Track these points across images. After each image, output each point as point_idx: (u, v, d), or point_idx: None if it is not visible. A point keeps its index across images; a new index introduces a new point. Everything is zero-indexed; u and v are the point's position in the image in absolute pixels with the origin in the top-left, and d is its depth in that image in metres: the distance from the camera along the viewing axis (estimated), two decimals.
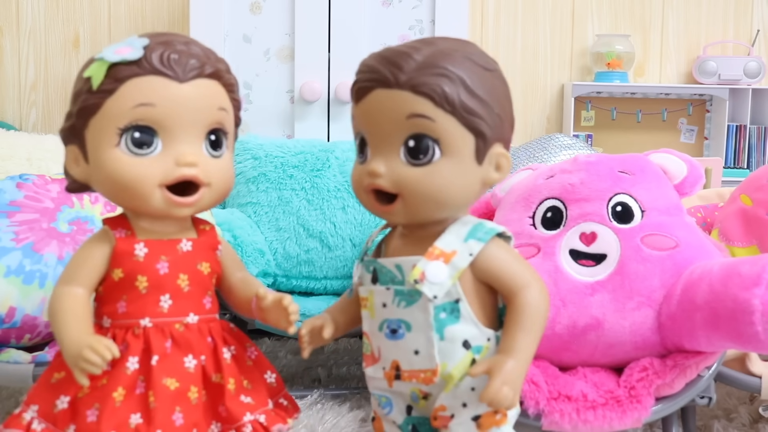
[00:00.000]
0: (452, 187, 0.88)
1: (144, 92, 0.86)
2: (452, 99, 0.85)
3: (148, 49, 0.87)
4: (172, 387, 0.89)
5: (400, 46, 0.90)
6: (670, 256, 1.17)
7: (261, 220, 1.71)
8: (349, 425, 1.44)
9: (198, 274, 0.94)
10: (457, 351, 0.91)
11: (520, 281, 0.90)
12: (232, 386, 0.92)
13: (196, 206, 0.91)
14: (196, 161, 0.89)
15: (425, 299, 0.90)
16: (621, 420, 1.09)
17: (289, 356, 1.87)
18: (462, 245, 0.90)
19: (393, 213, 0.90)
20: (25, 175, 1.39)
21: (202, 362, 0.92)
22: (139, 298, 0.91)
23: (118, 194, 0.90)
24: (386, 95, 0.87)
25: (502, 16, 3.13)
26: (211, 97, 0.91)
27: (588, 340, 1.17)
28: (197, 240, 0.95)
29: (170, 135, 0.88)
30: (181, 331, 0.91)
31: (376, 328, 0.94)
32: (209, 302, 0.96)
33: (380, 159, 0.88)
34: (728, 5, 3.18)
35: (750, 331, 1.02)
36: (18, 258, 1.28)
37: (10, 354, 1.25)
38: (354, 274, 0.99)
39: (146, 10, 2.96)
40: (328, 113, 2.23)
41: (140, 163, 0.87)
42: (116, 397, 0.87)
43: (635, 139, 3.23)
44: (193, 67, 0.88)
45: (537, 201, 1.28)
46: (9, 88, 3.00)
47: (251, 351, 0.99)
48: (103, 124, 0.88)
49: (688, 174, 1.30)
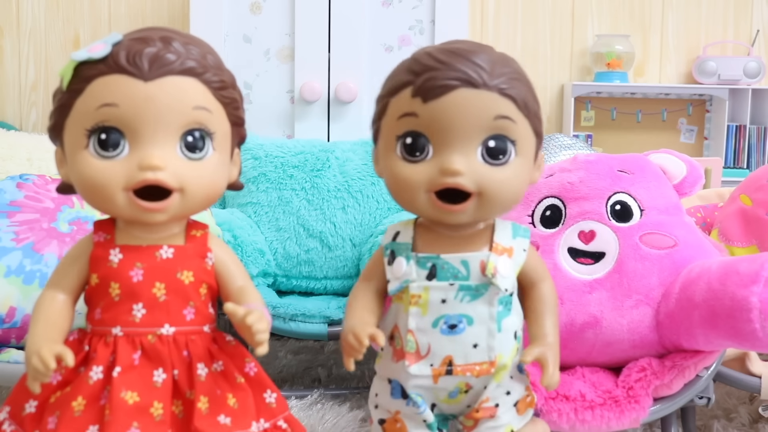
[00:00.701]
0: (522, 187, 0.91)
1: (108, 92, 0.82)
2: (528, 103, 0.88)
3: (118, 46, 0.83)
4: (131, 401, 0.83)
5: (461, 45, 0.88)
6: (669, 255, 1.18)
7: (261, 220, 1.71)
8: (349, 425, 1.44)
9: (177, 283, 0.88)
10: (510, 341, 0.95)
11: (542, 273, 0.98)
12: (203, 405, 0.86)
13: (167, 212, 0.85)
14: (162, 164, 0.82)
15: (492, 293, 0.92)
16: (619, 420, 1.09)
17: (289, 356, 1.87)
18: (514, 242, 0.94)
19: (463, 212, 0.88)
20: (26, 175, 1.40)
21: (175, 377, 0.87)
22: (112, 305, 0.87)
23: (88, 198, 0.86)
24: (473, 95, 0.85)
25: (502, 16, 3.13)
26: (183, 96, 0.84)
27: (586, 337, 1.17)
28: (182, 247, 0.89)
29: (138, 136, 0.83)
30: (153, 343, 0.86)
31: (429, 325, 0.93)
32: (192, 314, 0.89)
33: (457, 157, 0.86)
34: (728, 5, 3.18)
35: (748, 329, 1.02)
36: (18, 258, 1.28)
37: (10, 354, 1.26)
38: (389, 272, 0.95)
39: (146, 10, 2.96)
40: (328, 113, 2.23)
41: (106, 166, 0.83)
42: (75, 406, 0.84)
43: (635, 139, 3.23)
44: (162, 64, 0.82)
45: (536, 199, 1.28)
46: (9, 89, 3.00)
47: (250, 367, 0.92)
48: (74, 125, 0.84)
49: (687, 174, 1.30)
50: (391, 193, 0.93)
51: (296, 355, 1.88)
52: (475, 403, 0.95)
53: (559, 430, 1.10)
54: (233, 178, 0.94)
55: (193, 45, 0.86)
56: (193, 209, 0.87)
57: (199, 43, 0.87)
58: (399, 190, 0.91)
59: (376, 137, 0.95)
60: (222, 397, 0.87)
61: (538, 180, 0.97)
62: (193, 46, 0.86)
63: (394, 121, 0.89)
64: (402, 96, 0.88)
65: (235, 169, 0.94)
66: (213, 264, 0.91)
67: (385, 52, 2.23)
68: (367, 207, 1.70)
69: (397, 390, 0.96)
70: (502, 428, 0.96)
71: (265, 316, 0.86)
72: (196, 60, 0.85)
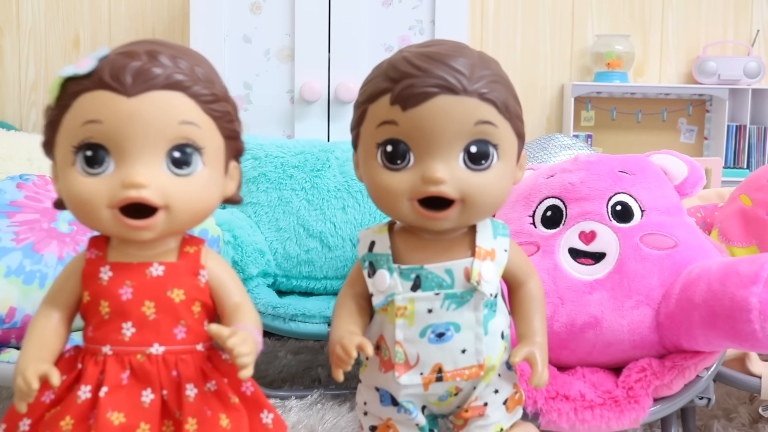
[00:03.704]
0: (506, 190, 0.91)
1: (91, 108, 0.81)
2: (509, 105, 0.87)
3: (103, 61, 0.81)
4: (117, 422, 0.82)
5: (439, 49, 0.87)
6: (669, 256, 1.18)
7: (261, 220, 1.71)
8: (349, 425, 1.44)
9: (167, 301, 0.86)
10: (497, 343, 0.94)
11: (528, 271, 0.98)
12: (191, 427, 0.84)
13: (154, 230, 0.83)
14: (145, 182, 0.81)
15: (477, 299, 0.91)
16: (618, 420, 1.09)
17: (289, 356, 1.87)
18: (495, 242, 0.94)
19: (447, 219, 0.88)
20: (26, 176, 1.40)
21: (164, 397, 0.85)
22: (102, 323, 0.85)
23: (76, 215, 0.85)
24: (453, 102, 0.84)
25: (502, 16, 3.13)
26: (168, 111, 0.81)
27: (586, 338, 1.17)
28: (173, 264, 0.87)
29: (121, 153, 0.81)
30: (142, 362, 0.84)
31: (416, 335, 0.92)
32: (182, 332, 0.86)
33: (439, 165, 0.85)
34: (728, 5, 3.18)
35: (747, 330, 1.02)
36: (18, 258, 1.28)
37: (10, 354, 1.26)
38: (371, 286, 0.94)
39: (146, 10, 2.96)
40: (328, 113, 2.23)
41: (91, 183, 0.82)
42: (63, 426, 0.82)
43: (635, 139, 3.23)
44: (146, 79, 0.80)
45: (537, 200, 1.28)
46: (9, 88, 3.00)
47: (246, 386, 0.89)
48: (63, 141, 0.83)
49: (688, 175, 1.30)
50: (373, 199, 0.92)
51: (296, 355, 1.88)
52: (464, 403, 0.96)
53: (559, 429, 1.10)
54: (229, 192, 0.91)
55: (181, 58, 0.83)
56: (181, 226, 0.86)
57: (189, 55, 0.85)
58: (381, 197, 0.90)
59: (356, 143, 0.93)
60: (213, 417, 0.85)
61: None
62: (182, 59, 0.83)
63: (373, 129, 0.88)
64: (380, 103, 0.87)
65: (231, 183, 0.91)
66: (207, 281, 0.89)
67: (385, 52, 2.23)
68: (367, 207, 1.70)
69: (386, 398, 0.96)
70: (491, 427, 0.97)
71: (251, 338, 0.83)
72: (183, 73, 0.82)
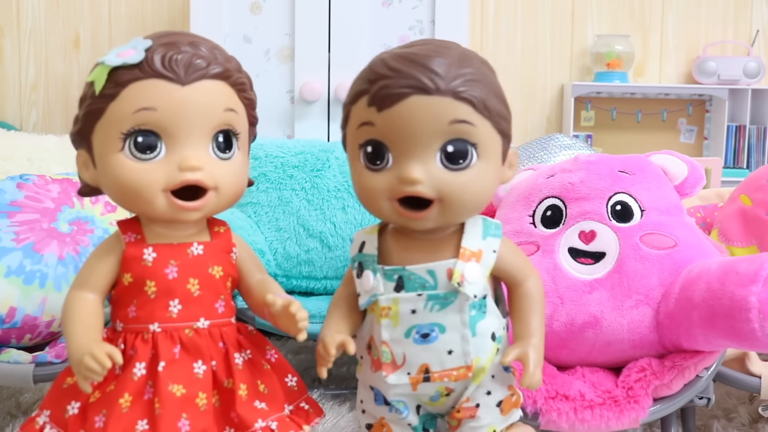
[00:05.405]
0: (488, 190, 0.90)
1: (145, 96, 0.85)
2: (489, 104, 0.86)
3: (150, 51, 0.86)
4: (179, 393, 0.87)
5: (417, 49, 0.87)
6: (669, 255, 1.18)
7: (261, 220, 1.71)
8: (349, 425, 1.44)
9: (209, 278, 0.92)
10: (487, 344, 0.94)
11: (525, 271, 0.97)
12: (243, 392, 0.91)
13: (203, 210, 0.90)
14: (200, 165, 0.87)
15: (462, 300, 0.91)
16: (618, 420, 1.09)
17: (289, 356, 1.87)
18: (483, 243, 0.93)
19: (426, 219, 0.88)
20: (26, 176, 1.40)
21: (213, 368, 0.91)
22: (148, 303, 0.90)
23: (124, 199, 0.90)
24: (426, 102, 0.84)
25: (502, 17, 3.13)
26: (216, 99, 0.89)
27: (586, 337, 1.17)
28: (209, 243, 0.94)
29: (174, 139, 0.87)
30: (191, 336, 0.90)
31: (401, 335, 0.92)
32: (222, 306, 0.93)
33: (415, 165, 0.86)
34: (728, 5, 3.18)
35: (747, 329, 1.02)
36: (18, 258, 1.28)
37: (10, 354, 1.26)
38: (358, 286, 0.95)
39: (146, 10, 2.96)
40: (328, 113, 2.24)
41: (144, 168, 0.86)
42: (122, 403, 0.86)
43: (635, 140, 3.23)
44: (196, 69, 0.86)
45: (537, 200, 1.28)
46: (9, 88, 3.00)
47: (271, 354, 0.98)
48: (107, 128, 0.87)
49: (688, 175, 1.30)
50: (359, 200, 0.93)
51: (296, 355, 1.88)
52: (457, 404, 0.96)
53: (559, 429, 1.10)
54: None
55: (217, 49, 0.90)
56: (223, 207, 0.92)
57: (219, 47, 0.91)
58: (365, 198, 0.91)
59: (344, 144, 0.95)
60: (254, 384, 0.92)
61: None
62: (218, 50, 0.90)
63: (355, 130, 0.90)
64: (360, 105, 0.89)
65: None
66: (236, 258, 0.96)
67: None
68: None
69: (379, 397, 0.97)
70: (483, 429, 0.96)
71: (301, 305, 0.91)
72: (221, 64, 0.89)
